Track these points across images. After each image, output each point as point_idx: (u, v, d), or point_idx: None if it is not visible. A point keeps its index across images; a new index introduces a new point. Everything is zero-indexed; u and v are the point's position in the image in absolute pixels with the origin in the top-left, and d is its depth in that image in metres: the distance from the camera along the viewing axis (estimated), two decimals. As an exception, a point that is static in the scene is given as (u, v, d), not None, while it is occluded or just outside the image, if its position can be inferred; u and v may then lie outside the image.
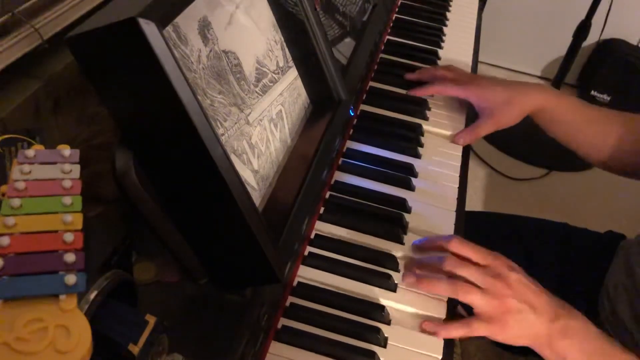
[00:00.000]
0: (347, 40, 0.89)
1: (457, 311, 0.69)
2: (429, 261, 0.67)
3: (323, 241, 0.71)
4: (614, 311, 0.86)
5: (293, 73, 0.71)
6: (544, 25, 2.48)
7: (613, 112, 0.94)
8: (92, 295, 0.41)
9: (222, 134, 0.53)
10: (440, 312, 0.66)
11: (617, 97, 2.44)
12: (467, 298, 0.62)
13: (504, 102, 0.89)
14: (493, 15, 2.29)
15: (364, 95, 0.97)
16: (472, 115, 0.96)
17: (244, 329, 0.54)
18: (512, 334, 0.62)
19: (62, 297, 0.38)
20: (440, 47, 1.15)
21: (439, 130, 0.94)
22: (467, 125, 0.96)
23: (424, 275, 0.65)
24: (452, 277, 0.64)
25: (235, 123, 0.56)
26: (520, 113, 0.89)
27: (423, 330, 0.63)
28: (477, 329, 0.62)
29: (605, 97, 2.46)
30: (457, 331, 0.63)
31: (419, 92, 0.98)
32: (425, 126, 0.93)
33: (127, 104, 0.46)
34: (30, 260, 0.39)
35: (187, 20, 0.50)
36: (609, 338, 0.64)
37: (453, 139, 0.92)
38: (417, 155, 0.87)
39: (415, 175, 0.84)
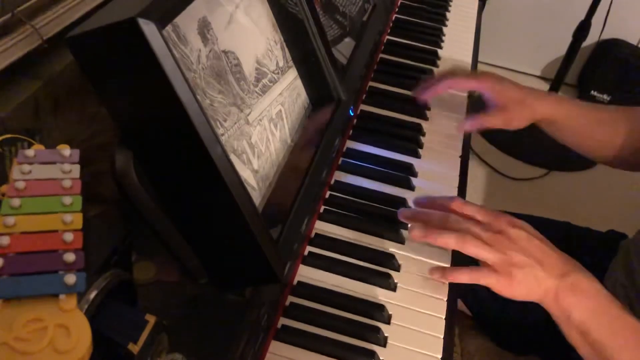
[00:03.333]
0: (347, 40, 0.89)
1: (457, 307, 0.69)
2: (433, 217, 0.66)
3: (323, 241, 0.71)
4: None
5: (293, 73, 0.71)
6: (544, 25, 2.48)
7: (619, 109, 0.93)
8: (92, 295, 0.41)
9: (222, 134, 0.53)
10: (440, 310, 0.66)
11: (617, 97, 2.44)
12: (473, 250, 0.62)
13: (518, 102, 0.86)
14: (493, 15, 2.29)
15: (364, 95, 0.97)
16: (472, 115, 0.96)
17: (244, 328, 0.54)
18: (521, 289, 0.62)
19: (62, 296, 0.38)
20: (440, 47, 1.15)
21: (439, 130, 0.94)
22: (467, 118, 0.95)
23: (430, 229, 0.65)
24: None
25: (235, 123, 0.56)
26: (530, 117, 0.88)
27: (431, 275, 0.65)
28: (485, 277, 0.62)
29: (605, 97, 2.46)
30: (464, 276, 0.64)
31: (428, 94, 0.92)
32: (425, 126, 0.93)
33: (126, 103, 0.46)
34: (30, 260, 0.39)
35: (186, 20, 0.50)
36: (616, 300, 0.63)
37: (459, 127, 0.90)
38: (417, 155, 0.87)
39: (415, 175, 0.84)
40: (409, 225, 0.67)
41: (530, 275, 0.61)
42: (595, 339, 0.61)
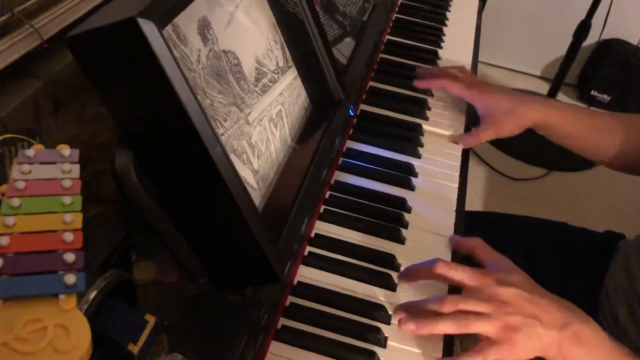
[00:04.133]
0: (347, 40, 0.89)
1: None
2: (425, 305, 0.62)
3: (323, 241, 0.71)
4: (612, 312, 0.86)
5: (293, 73, 0.71)
6: (544, 25, 2.48)
7: (616, 115, 0.94)
8: (92, 295, 0.41)
9: (222, 134, 0.53)
10: (440, 312, 0.66)
11: (617, 97, 2.44)
12: (472, 329, 0.59)
13: (506, 112, 0.89)
14: (493, 15, 2.30)
15: (364, 95, 0.97)
16: (472, 115, 0.96)
17: (244, 328, 0.54)
18: (523, 350, 0.59)
19: (62, 296, 0.38)
20: (440, 47, 1.15)
21: (439, 130, 0.94)
22: (466, 125, 0.96)
23: (424, 318, 0.61)
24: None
25: (235, 123, 0.56)
26: (522, 125, 0.90)
27: None
28: (491, 355, 0.59)
29: (605, 97, 2.46)
30: None
31: (426, 84, 0.98)
32: (425, 126, 0.93)
33: (126, 103, 0.46)
34: (29, 260, 0.39)
35: (186, 20, 0.50)
36: (620, 344, 0.62)
37: (453, 140, 0.92)
38: (417, 155, 0.87)
39: (415, 175, 0.84)
40: (398, 318, 0.62)
41: (531, 335, 0.59)
42: None
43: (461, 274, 0.62)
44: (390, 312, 0.65)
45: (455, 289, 0.65)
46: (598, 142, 0.92)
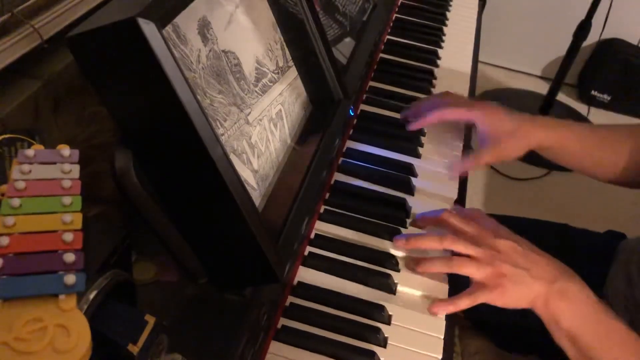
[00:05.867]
0: (347, 40, 0.89)
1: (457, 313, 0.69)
2: (424, 243, 0.69)
3: (323, 241, 0.71)
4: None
5: (293, 73, 0.71)
6: (544, 25, 2.48)
7: (620, 128, 0.91)
8: (92, 295, 0.41)
9: (222, 134, 0.53)
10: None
11: (617, 97, 2.44)
12: (462, 270, 0.65)
13: (509, 134, 0.84)
14: (493, 15, 2.29)
15: (364, 95, 0.97)
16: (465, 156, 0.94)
17: (244, 328, 0.54)
18: (512, 297, 0.64)
19: (62, 297, 0.38)
20: (440, 47, 1.15)
21: (439, 130, 0.93)
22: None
23: (422, 259, 0.69)
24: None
25: (235, 123, 0.56)
26: (524, 148, 0.86)
27: (433, 314, 0.66)
28: (480, 297, 0.65)
29: (606, 97, 2.46)
30: (464, 302, 0.65)
31: (420, 124, 0.89)
32: (426, 126, 0.93)
33: (126, 103, 0.46)
34: (29, 260, 0.39)
35: (186, 20, 0.50)
36: (606, 306, 0.65)
37: (453, 168, 0.86)
38: (417, 155, 0.87)
39: (415, 175, 0.84)
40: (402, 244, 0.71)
41: (519, 284, 0.64)
42: (583, 344, 0.63)
43: (461, 223, 0.68)
44: (390, 313, 0.65)
45: (454, 282, 0.69)
46: (601, 159, 0.89)
